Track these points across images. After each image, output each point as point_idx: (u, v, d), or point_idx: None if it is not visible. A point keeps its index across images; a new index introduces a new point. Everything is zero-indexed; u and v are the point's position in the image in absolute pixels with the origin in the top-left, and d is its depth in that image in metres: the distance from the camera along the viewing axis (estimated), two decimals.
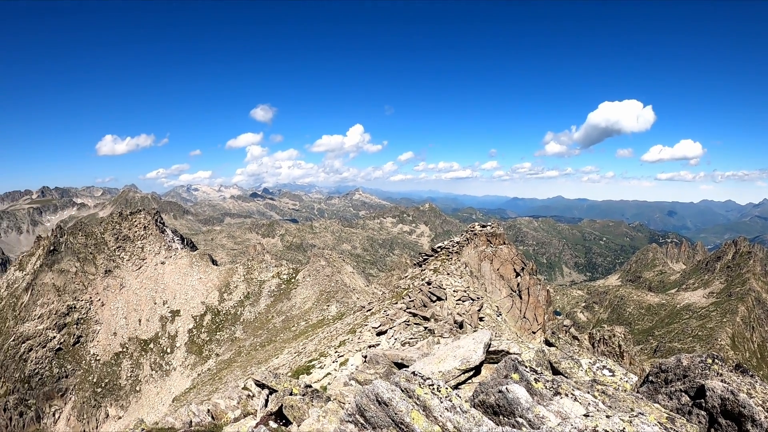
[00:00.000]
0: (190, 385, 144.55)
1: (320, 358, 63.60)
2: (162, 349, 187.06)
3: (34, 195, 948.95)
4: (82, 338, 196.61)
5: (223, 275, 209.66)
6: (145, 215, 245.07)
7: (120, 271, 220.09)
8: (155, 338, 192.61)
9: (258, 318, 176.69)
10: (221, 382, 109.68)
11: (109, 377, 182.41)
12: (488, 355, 20.86)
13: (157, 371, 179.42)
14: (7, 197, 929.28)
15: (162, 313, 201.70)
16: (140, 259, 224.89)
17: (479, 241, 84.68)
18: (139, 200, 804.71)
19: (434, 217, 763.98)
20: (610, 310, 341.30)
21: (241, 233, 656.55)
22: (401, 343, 44.10)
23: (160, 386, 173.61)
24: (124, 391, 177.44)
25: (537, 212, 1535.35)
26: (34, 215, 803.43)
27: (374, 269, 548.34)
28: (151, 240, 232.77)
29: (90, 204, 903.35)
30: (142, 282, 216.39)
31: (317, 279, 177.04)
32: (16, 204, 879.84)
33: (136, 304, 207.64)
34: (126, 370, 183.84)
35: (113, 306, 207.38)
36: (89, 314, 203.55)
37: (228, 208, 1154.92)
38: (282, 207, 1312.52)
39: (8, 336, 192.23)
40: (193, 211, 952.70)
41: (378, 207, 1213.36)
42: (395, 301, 68.51)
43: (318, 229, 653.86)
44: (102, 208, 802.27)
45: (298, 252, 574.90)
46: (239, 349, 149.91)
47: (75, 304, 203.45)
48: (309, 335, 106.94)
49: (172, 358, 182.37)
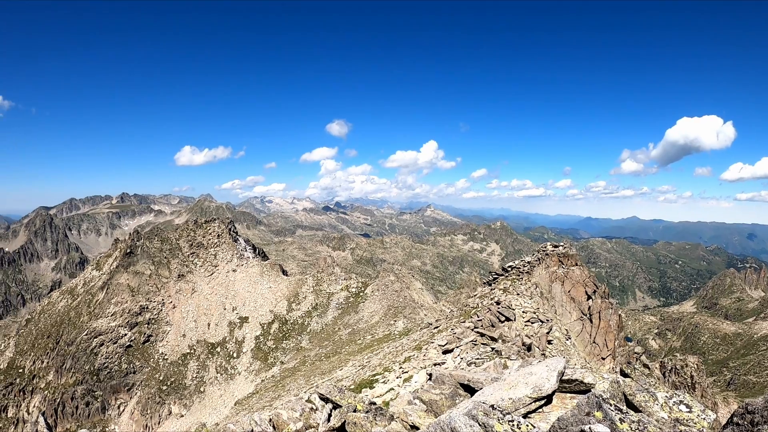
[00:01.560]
0: (253, 390, 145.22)
1: (384, 373, 62.72)
2: (228, 353, 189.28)
3: (114, 200, 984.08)
4: (152, 337, 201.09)
5: (292, 285, 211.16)
6: (219, 224, 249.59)
7: (192, 276, 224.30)
8: (223, 342, 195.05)
9: (324, 329, 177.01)
10: (284, 389, 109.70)
11: (175, 376, 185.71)
12: (561, 384, 19.62)
13: (222, 374, 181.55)
14: (89, 201, 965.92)
15: (231, 318, 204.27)
16: (213, 266, 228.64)
17: (551, 262, 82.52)
18: (214, 209, 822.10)
19: (505, 236, 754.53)
20: (684, 338, 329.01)
21: (312, 245, 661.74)
22: (467, 363, 42.86)
23: (223, 389, 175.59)
24: (188, 390, 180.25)
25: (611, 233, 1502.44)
26: (113, 219, 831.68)
27: (443, 286, 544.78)
28: (224, 248, 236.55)
29: (167, 211, 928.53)
30: (214, 288, 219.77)
31: (386, 294, 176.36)
32: (97, 208, 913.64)
33: (207, 309, 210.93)
34: (192, 370, 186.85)
35: (184, 309, 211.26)
36: (160, 315, 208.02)
37: (300, 221, 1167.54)
38: (353, 221, 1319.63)
39: (82, 330, 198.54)
40: (266, 222, 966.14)
41: (449, 224, 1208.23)
42: (463, 320, 67.14)
43: (389, 244, 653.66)
44: (178, 216, 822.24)
45: (368, 266, 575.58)
46: (304, 359, 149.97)
47: (147, 304, 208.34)
48: (374, 349, 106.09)
49: (238, 362, 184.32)
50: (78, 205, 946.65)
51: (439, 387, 24.03)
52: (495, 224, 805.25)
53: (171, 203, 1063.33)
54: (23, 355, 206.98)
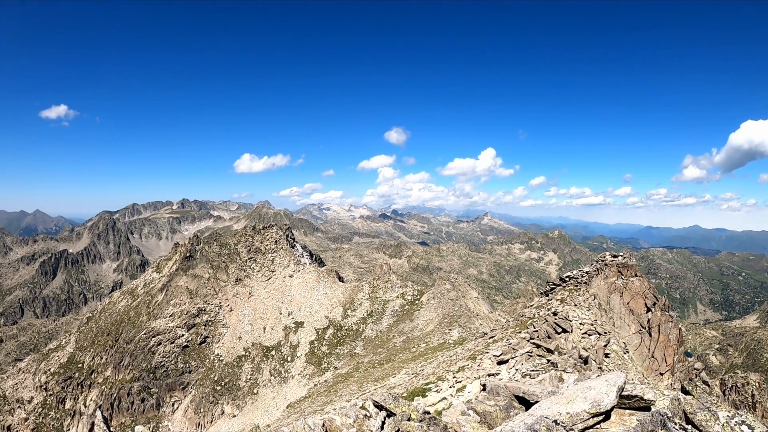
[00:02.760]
0: (306, 394, 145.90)
1: (437, 382, 62.10)
2: (283, 356, 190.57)
3: (174, 206, 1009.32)
4: (209, 339, 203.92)
5: (348, 292, 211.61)
6: (276, 230, 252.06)
7: (250, 280, 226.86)
8: (277, 346, 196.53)
9: (379, 336, 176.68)
10: (336, 394, 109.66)
11: (230, 377, 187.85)
12: (620, 400, 18.91)
13: (276, 377, 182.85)
14: (150, 206, 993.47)
15: (286, 323, 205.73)
16: (270, 271, 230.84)
17: (609, 272, 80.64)
18: (272, 216, 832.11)
19: (563, 245, 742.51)
20: (746, 354, 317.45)
21: (369, 252, 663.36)
22: (522, 375, 42.08)
23: (276, 391, 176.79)
24: (241, 391, 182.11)
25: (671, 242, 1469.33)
26: (174, 224, 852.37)
27: (499, 296, 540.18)
28: (281, 254, 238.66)
29: (225, 217, 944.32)
30: (270, 292, 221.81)
31: (441, 302, 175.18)
32: (158, 213, 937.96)
33: (263, 313, 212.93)
34: (246, 372, 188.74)
35: (241, 312, 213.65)
36: (217, 318, 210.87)
37: (357, 228, 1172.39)
38: (410, 229, 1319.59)
39: (140, 329, 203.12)
40: (323, 228, 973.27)
41: (506, 232, 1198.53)
42: (519, 330, 66.11)
43: (445, 252, 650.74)
44: (236, 222, 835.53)
45: (424, 274, 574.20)
46: (357, 365, 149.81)
47: (205, 307, 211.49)
48: (428, 358, 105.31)
49: (292, 366, 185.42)
50: (140, 209, 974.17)
51: (494, 398, 23.52)
52: (553, 233, 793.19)
53: (230, 209, 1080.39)
54: (83, 350, 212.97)
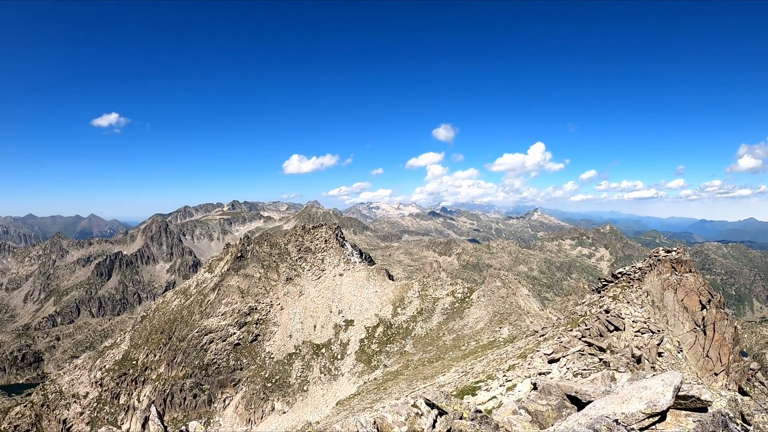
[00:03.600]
0: (355, 391, 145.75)
1: (487, 381, 61.45)
2: (333, 354, 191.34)
3: (225, 207, 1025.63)
4: (260, 337, 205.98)
5: (398, 290, 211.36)
6: (326, 229, 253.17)
7: (300, 279, 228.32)
8: (328, 344, 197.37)
9: (429, 334, 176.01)
10: (385, 392, 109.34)
11: (280, 375, 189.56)
12: (676, 400, 18.27)
13: (326, 375, 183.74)
14: (202, 208, 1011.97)
15: (336, 321, 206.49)
16: (320, 270, 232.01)
17: (663, 268, 78.49)
18: (322, 215, 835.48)
19: (615, 240, 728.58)
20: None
21: (418, 250, 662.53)
22: (573, 374, 41.30)
23: (326, 389, 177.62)
24: (292, 389, 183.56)
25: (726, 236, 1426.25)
26: (225, 225, 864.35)
27: (550, 293, 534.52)
28: (331, 253, 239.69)
29: (275, 217, 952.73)
30: (320, 291, 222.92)
31: (491, 300, 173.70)
32: (209, 215, 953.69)
33: (313, 311, 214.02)
34: (297, 370, 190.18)
35: (291, 311, 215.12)
36: (268, 316, 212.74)
37: (406, 226, 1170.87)
38: (460, 226, 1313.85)
39: (193, 328, 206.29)
40: (372, 227, 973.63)
41: (557, 228, 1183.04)
42: (570, 328, 65.01)
43: (495, 249, 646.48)
44: (286, 222, 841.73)
45: (474, 271, 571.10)
46: (407, 363, 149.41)
47: (256, 305, 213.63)
48: (478, 356, 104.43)
49: (342, 364, 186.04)
50: (191, 212, 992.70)
51: (546, 398, 23.05)
52: (604, 228, 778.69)
53: (279, 210, 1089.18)
54: (137, 348, 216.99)
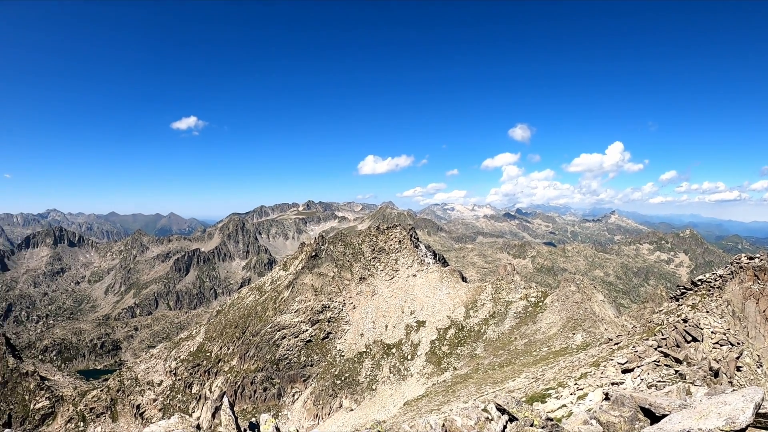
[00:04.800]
0: (423, 392, 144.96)
1: (558, 388, 60.09)
2: (403, 355, 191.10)
3: (300, 207, 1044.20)
4: (331, 334, 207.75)
5: (471, 292, 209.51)
6: (400, 230, 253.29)
7: (373, 279, 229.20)
8: (398, 344, 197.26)
9: (500, 338, 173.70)
10: (454, 395, 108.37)
11: (350, 372, 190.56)
12: (756, 418, 17.12)
13: (395, 374, 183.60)
14: (278, 208, 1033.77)
15: (408, 321, 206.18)
16: (393, 270, 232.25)
17: (745, 276, 74.85)
18: (396, 216, 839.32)
19: (695, 246, 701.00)
20: None
21: (492, 252, 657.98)
22: (647, 385, 39.80)
23: (394, 389, 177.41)
24: (360, 387, 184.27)
25: None
26: (300, 224, 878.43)
27: (626, 299, 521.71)
28: (405, 253, 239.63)
29: (350, 217, 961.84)
30: (393, 291, 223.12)
31: (565, 305, 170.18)
32: (285, 214, 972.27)
33: (385, 311, 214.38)
34: (366, 368, 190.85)
35: (364, 310, 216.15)
36: (341, 314, 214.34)
37: (480, 227, 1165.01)
38: (535, 228, 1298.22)
39: (266, 323, 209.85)
40: (447, 228, 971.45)
41: (634, 232, 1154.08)
42: (646, 337, 62.97)
43: (570, 252, 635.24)
44: (361, 222, 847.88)
45: (549, 275, 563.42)
46: (477, 366, 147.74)
47: (329, 304, 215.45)
48: (549, 362, 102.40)
49: (411, 364, 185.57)
50: (267, 211, 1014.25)
51: (618, 409, 22.13)
52: (684, 232, 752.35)
53: (354, 210, 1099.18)
54: (212, 341, 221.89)
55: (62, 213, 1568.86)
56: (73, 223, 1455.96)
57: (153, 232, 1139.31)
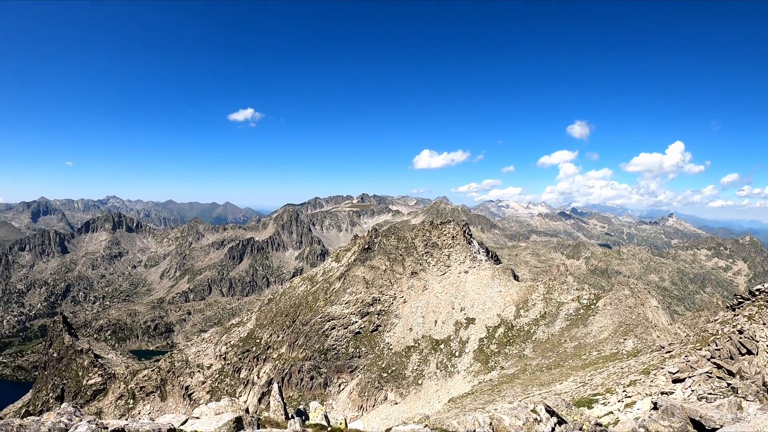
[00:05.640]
0: (469, 390, 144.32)
1: (605, 394, 59.25)
2: (451, 351, 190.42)
3: (354, 200, 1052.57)
4: (380, 327, 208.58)
5: (522, 291, 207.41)
6: (454, 226, 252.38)
7: (425, 274, 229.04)
8: (447, 340, 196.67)
9: (550, 339, 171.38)
10: (499, 394, 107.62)
11: (396, 366, 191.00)
12: None
13: (442, 370, 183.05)
14: (331, 200, 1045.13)
15: (458, 318, 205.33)
16: (445, 266, 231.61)
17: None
18: (450, 212, 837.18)
19: (755, 253, 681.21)
20: None
21: (546, 252, 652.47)
22: (697, 397, 38.86)
23: (440, 385, 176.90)
24: (406, 381, 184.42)
25: None
26: (353, 217, 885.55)
27: (681, 306, 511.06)
28: (458, 249, 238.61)
29: (403, 211, 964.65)
30: (444, 287, 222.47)
31: (618, 309, 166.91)
32: (339, 206, 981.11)
33: (435, 306, 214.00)
34: (413, 363, 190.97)
35: (414, 305, 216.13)
36: (391, 308, 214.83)
37: (534, 226, 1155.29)
38: (590, 229, 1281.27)
39: (317, 313, 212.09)
40: (500, 225, 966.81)
41: (692, 236, 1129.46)
42: (699, 347, 61.56)
43: (625, 255, 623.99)
44: (414, 216, 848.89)
45: (602, 277, 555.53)
46: (524, 367, 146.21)
47: (380, 297, 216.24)
48: (598, 367, 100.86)
49: (459, 361, 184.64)
50: (321, 203, 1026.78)
51: (668, 419, 21.66)
52: (743, 239, 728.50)
53: (408, 204, 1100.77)
54: (262, 328, 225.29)
55: (121, 200, 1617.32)
56: (132, 209, 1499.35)
57: (209, 220, 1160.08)
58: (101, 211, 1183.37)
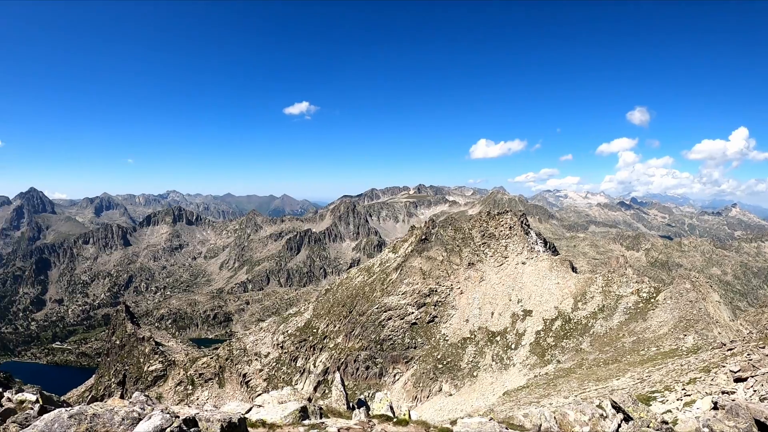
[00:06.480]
0: (524, 384, 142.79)
1: (663, 392, 58.43)
2: (507, 343, 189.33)
3: (411, 191, 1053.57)
4: (437, 318, 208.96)
5: (580, 283, 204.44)
6: (511, 216, 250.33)
7: (482, 265, 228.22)
8: (503, 332, 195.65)
9: (608, 333, 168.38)
10: (554, 389, 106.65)
11: (452, 357, 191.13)
12: None
13: (497, 363, 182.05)
14: (388, 191, 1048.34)
15: (514, 310, 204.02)
16: (502, 257, 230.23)
17: None
18: (507, 202, 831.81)
19: None
20: None
21: (605, 243, 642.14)
22: (760, 398, 38.14)
23: (495, 377, 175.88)
24: (461, 372, 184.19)
25: None
26: (410, 208, 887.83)
27: (744, 302, 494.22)
28: (515, 240, 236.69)
29: (460, 202, 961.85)
30: (501, 278, 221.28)
31: (678, 303, 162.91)
32: (395, 197, 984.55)
33: (492, 298, 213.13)
34: (469, 354, 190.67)
35: (470, 296, 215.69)
36: (447, 299, 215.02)
37: (593, 216, 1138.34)
38: (650, 219, 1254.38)
39: (373, 304, 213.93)
40: (558, 216, 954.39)
41: (757, 227, 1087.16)
42: (762, 345, 60.17)
43: (686, 247, 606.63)
44: (471, 207, 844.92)
45: (662, 270, 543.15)
46: (581, 361, 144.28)
47: (436, 288, 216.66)
48: (657, 363, 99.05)
49: (514, 354, 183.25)
50: (378, 194, 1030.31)
51: (733, 419, 21.54)
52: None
53: (464, 194, 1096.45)
54: (319, 318, 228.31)
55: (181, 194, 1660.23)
56: (191, 203, 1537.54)
57: (266, 212, 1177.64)
58: (162, 205, 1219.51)
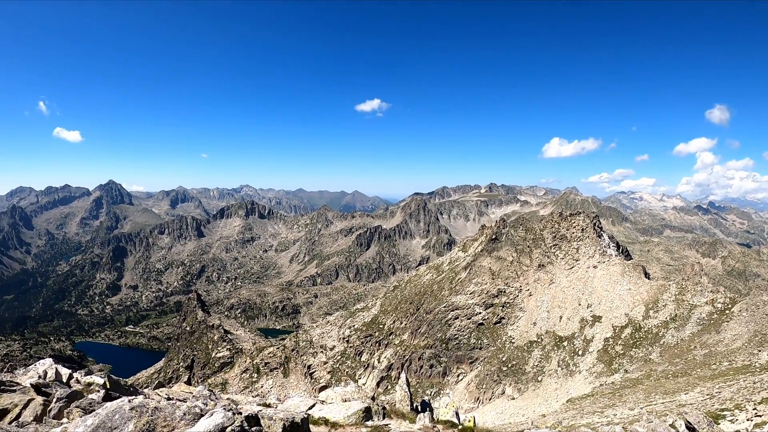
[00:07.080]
0: (589, 392, 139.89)
1: (733, 410, 56.72)
2: (574, 349, 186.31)
3: (482, 190, 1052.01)
4: (504, 320, 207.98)
5: (653, 290, 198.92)
6: (584, 218, 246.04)
7: (552, 267, 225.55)
8: (570, 338, 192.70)
9: (679, 344, 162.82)
10: (620, 399, 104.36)
11: (517, 360, 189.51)
12: None
13: (563, 369, 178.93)
14: (459, 190, 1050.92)
15: (584, 315, 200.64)
16: (573, 260, 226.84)
17: None
18: (579, 203, 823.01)
19: None
20: None
21: (680, 249, 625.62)
22: None
23: (560, 383, 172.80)
24: (526, 376, 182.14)
25: None
26: (481, 207, 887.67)
27: None
28: (587, 243, 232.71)
29: (532, 202, 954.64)
30: (572, 282, 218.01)
31: (754, 316, 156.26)
32: (466, 196, 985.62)
33: (561, 301, 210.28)
34: (534, 359, 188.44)
35: (539, 298, 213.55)
36: (515, 301, 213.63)
37: (668, 220, 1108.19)
38: (728, 225, 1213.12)
39: (441, 302, 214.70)
40: (632, 219, 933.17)
41: None
42: None
43: (765, 256, 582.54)
44: (543, 207, 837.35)
45: (739, 280, 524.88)
46: (649, 372, 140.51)
47: (505, 289, 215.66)
48: (728, 379, 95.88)
49: (581, 360, 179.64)
50: (449, 192, 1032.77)
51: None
52: None
53: (536, 194, 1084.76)
54: (386, 314, 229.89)
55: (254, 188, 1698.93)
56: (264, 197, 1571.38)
57: (337, 208, 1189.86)
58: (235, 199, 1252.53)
